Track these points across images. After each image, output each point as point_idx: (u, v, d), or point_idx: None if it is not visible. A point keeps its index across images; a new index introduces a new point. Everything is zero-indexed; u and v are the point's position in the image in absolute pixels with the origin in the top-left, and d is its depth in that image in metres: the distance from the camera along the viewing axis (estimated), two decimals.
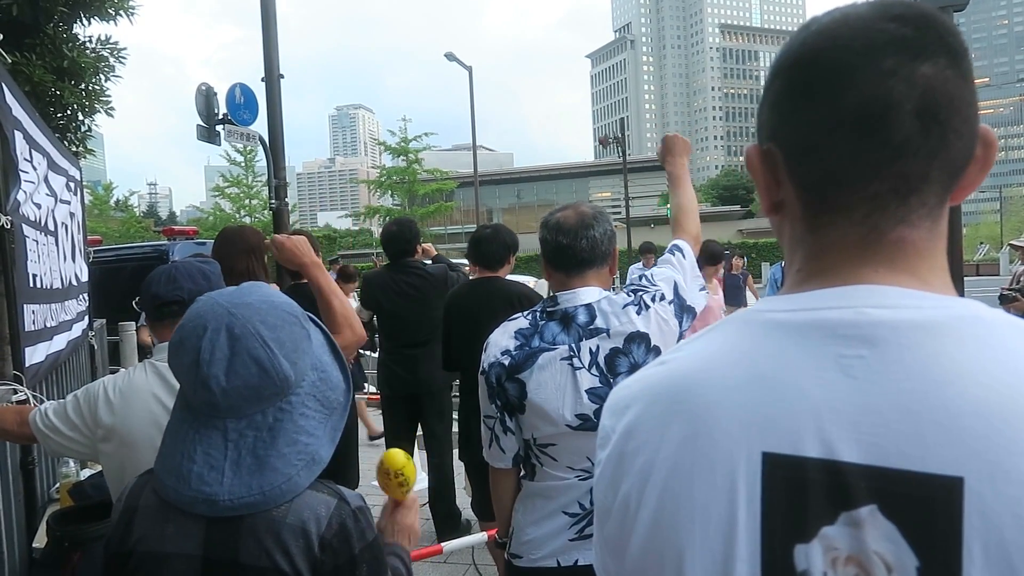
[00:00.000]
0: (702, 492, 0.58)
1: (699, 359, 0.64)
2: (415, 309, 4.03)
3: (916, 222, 0.59)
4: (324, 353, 1.18)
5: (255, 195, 30.45)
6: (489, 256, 3.37)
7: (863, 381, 0.54)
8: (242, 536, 1.03)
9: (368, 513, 1.15)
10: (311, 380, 1.12)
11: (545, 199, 56.09)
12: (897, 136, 0.56)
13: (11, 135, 2.40)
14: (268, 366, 1.05)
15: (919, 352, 0.53)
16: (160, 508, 1.08)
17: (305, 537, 1.03)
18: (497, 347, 1.73)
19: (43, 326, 2.77)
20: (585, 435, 1.63)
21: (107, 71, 6.21)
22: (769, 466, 0.56)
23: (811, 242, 0.63)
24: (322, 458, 1.09)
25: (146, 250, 8.76)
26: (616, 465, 0.65)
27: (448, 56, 22.24)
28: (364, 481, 4.50)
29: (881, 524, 0.51)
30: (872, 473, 0.52)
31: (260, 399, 1.07)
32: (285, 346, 1.08)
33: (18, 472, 2.51)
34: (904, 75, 0.55)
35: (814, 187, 0.61)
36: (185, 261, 1.82)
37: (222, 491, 1.02)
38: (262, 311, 1.09)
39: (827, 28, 0.60)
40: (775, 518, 0.55)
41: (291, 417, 1.08)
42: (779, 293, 0.65)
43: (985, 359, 0.52)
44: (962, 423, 0.50)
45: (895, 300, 0.56)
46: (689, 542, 0.58)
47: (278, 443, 1.06)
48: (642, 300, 1.69)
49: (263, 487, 1.03)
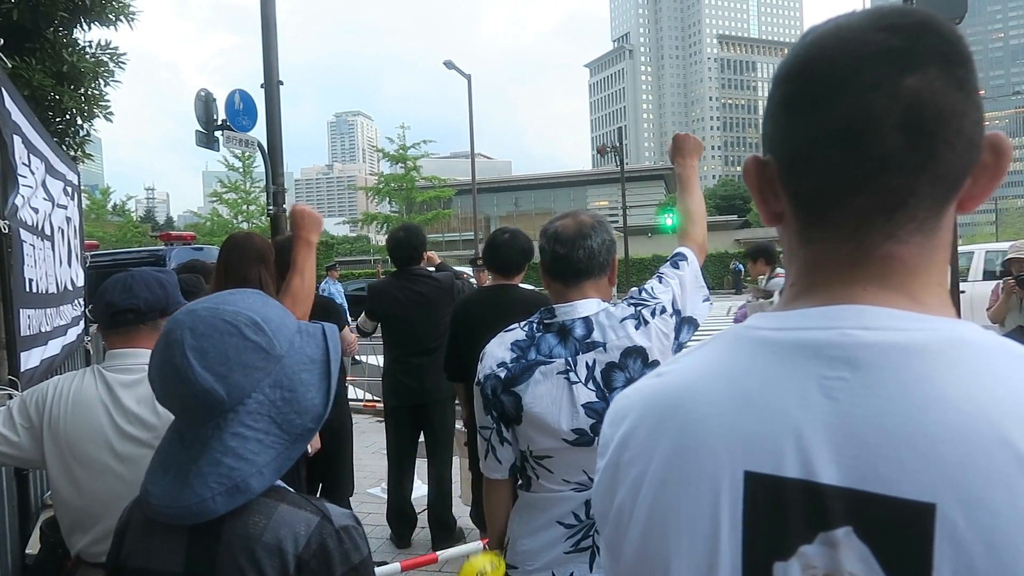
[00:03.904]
0: (688, 507, 0.60)
1: (691, 374, 0.65)
2: (423, 317, 3.97)
3: (904, 237, 0.58)
4: (304, 371, 1.08)
5: (253, 201, 30.46)
6: (507, 262, 3.27)
7: (844, 404, 0.54)
8: (219, 553, 0.99)
9: (356, 533, 1.06)
10: (266, 398, 1.04)
11: (543, 207, 56.24)
12: (880, 150, 0.56)
13: (10, 140, 2.40)
14: (183, 375, 1.00)
15: (902, 375, 0.53)
16: (146, 523, 1.06)
17: (281, 556, 0.98)
18: (493, 359, 1.72)
19: (38, 331, 2.76)
20: (581, 450, 1.61)
21: (106, 76, 6.22)
22: (751, 485, 0.57)
23: (803, 256, 0.63)
24: (249, 487, 0.99)
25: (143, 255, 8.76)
26: (612, 475, 0.67)
27: (447, 64, 22.30)
28: (359, 490, 4.49)
29: (856, 546, 0.52)
30: (849, 495, 0.52)
31: (193, 410, 1.03)
32: (208, 356, 1.01)
33: (11, 478, 2.49)
34: (888, 88, 0.55)
35: (805, 200, 0.61)
36: (141, 270, 1.78)
37: (156, 493, 1.02)
38: (199, 318, 1.04)
39: (819, 39, 0.59)
40: (756, 535, 0.56)
41: (221, 436, 1.01)
42: (775, 308, 0.65)
43: (967, 384, 0.52)
44: (939, 449, 0.50)
45: (881, 321, 0.56)
46: (676, 554, 0.60)
47: (201, 460, 1.00)
48: (641, 315, 1.67)
49: (178, 502, 0.99)
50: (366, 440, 6.49)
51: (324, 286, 12.13)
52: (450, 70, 22.27)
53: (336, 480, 3.77)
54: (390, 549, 4.14)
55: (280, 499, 1.03)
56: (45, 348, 2.86)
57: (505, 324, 1.80)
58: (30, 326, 2.62)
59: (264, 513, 1.01)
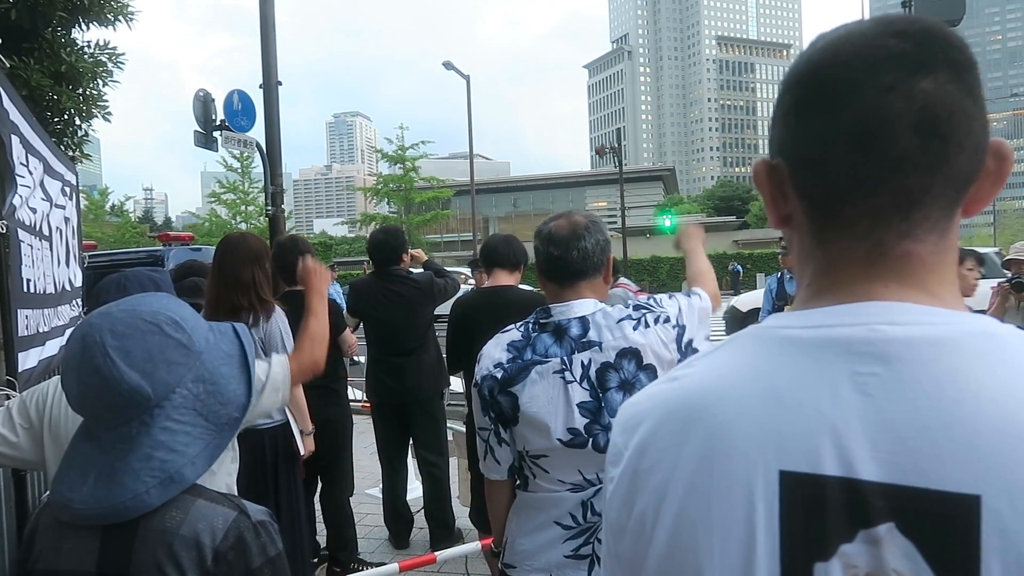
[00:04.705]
0: (720, 511, 0.58)
1: (713, 376, 0.64)
2: (402, 317, 4.00)
3: (921, 236, 0.59)
4: (223, 364, 1.13)
5: (251, 201, 30.44)
6: (502, 257, 3.27)
7: (879, 399, 0.54)
8: (134, 548, 1.01)
9: (272, 528, 1.10)
10: (189, 392, 1.08)
11: (541, 208, 56.20)
12: (895, 151, 0.56)
13: (8, 140, 2.39)
14: (107, 375, 1.02)
15: (933, 369, 0.53)
16: (57, 525, 1.07)
17: (198, 549, 1.00)
18: (490, 359, 1.72)
19: (36, 331, 2.75)
20: (575, 451, 1.62)
21: (105, 76, 6.21)
22: (787, 484, 0.55)
23: (819, 256, 0.63)
24: (184, 477, 1.04)
25: (141, 255, 8.74)
26: (630, 482, 0.65)
27: (446, 65, 22.31)
28: (359, 490, 4.48)
29: (899, 542, 0.51)
30: (890, 491, 0.52)
31: (114, 409, 1.04)
32: (131, 355, 1.04)
33: (9, 479, 2.49)
34: (903, 90, 0.56)
35: (819, 201, 0.62)
36: (135, 270, 1.78)
37: (78, 498, 1.02)
38: (116, 319, 1.06)
39: (831, 45, 0.60)
40: (794, 536, 0.55)
41: (149, 431, 1.04)
42: (792, 308, 0.65)
43: (1000, 375, 0.52)
44: (978, 440, 0.50)
45: (908, 316, 0.56)
46: (708, 561, 0.58)
47: (130, 457, 1.02)
48: (644, 318, 1.67)
49: (110, 500, 1.00)
50: (364, 440, 6.47)
51: None
52: (449, 71, 22.29)
53: (336, 480, 3.78)
54: (388, 550, 4.15)
55: (197, 495, 1.06)
56: (43, 348, 2.86)
57: (503, 325, 1.81)
58: (28, 326, 2.62)
59: (181, 508, 1.04)
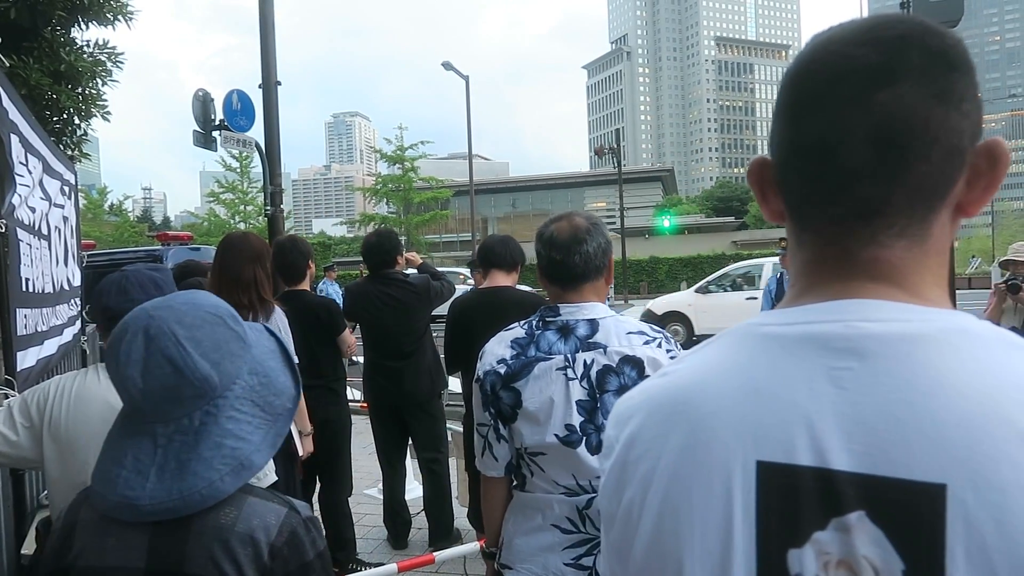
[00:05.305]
0: (700, 499, 0.60)
1: (698, 371, 0.66)
2: (398, 321, 3.99)
3: (887, 243, 0.60)
4: (270, 358, 1.16)
5: (250, 201, 30.43)
6: (498, 256, 3.29)
7: (853, 392, 0.56)
8: (188, 545, 1.01)
9: (318, 524, 1.13)
10: (246, 384, 1.10)
11: (540, 208, 56.26)
12: (849, 163, 0.59)
13: (7, 139, 2.39)
14: (181, 364, 1.03)
15: (906, 363, 0.55)
16: (100, 521, 1.06)
17: (254, 545, 1.02)
18: (493, 356, 1.73)
19: (35, 330, 2.75)
20: (570, 451, 1.63)
21: (104, 75, 6.21)
22: (763, 474, 0.58)
23: (800, 258, 0.66)
24: (253, 463, 1.06)
25: (140, 255, 8.74)
26: (619, 473, 0.68)
27: (445, 65, 22.32)
28: (357, 491, 4.48)
29: (869, 529, 0.53)
30: (861, 480, 0.54)
31: (181, 400, 1.05)
32: (202, 345, 1.06)
33: (7, 477, 2.49)
34: (859, 104, 0.58)
35: (792, 205, 0.65)
36: (136, 270, 1.76)
37: (144, 495, 1.01)
38: (180, 311, 1.08)
39: (811, 51, 0.63)
40: (769, 524, 0.57)
41: (216, 420, 1.06)
42: (779, 306, 0.67)
43: (969, 371, 0.54)
44: (946, 432, 0.52)
45: (883, 314, 0.58)
46: (688, 547, 0.61)
47: (200, 447, 1.04)
48: (657, 338, 1.69)
49: (183, 491, 1.00)
50: (363, 441, 6.47)
51: (322, 287, 12.13)
52: (448, 71, 22.29)
53: (334, 480, 3.78)
54: (387, 550, 4.15)
55: (248, 492, 1.08)
56: (41, 348, 2.86)
57: (501, 326, 1.81)
58: (26, 326, 2.62)
59: (235, 505, 1.05)
